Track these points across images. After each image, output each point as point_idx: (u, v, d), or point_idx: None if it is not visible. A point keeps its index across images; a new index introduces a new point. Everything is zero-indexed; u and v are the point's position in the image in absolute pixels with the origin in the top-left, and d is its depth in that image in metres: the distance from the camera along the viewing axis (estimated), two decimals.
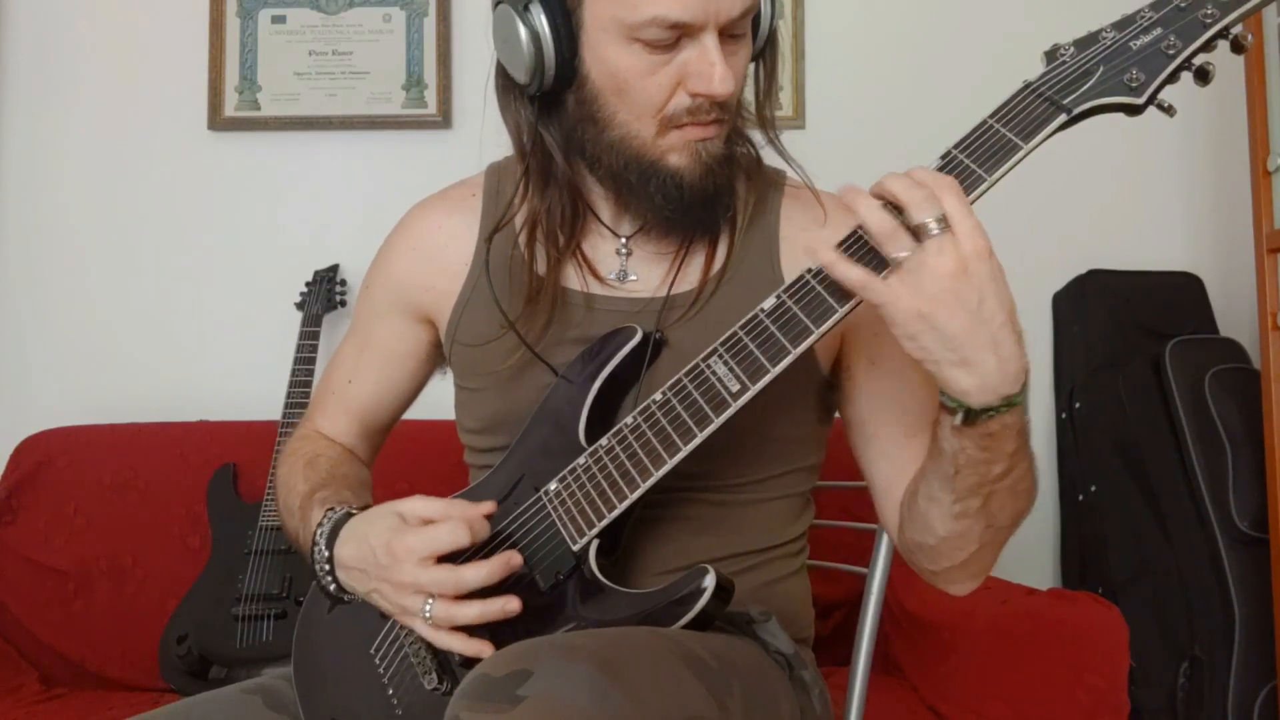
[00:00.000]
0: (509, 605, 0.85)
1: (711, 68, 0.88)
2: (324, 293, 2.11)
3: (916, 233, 0.75)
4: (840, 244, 0.80)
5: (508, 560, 0.86)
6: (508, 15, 0.92)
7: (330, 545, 0.93)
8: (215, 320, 2.24)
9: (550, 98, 0.95)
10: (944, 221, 0.75)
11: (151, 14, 2.28)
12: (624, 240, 1.02)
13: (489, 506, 0.89)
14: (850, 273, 0.76)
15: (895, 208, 0.77)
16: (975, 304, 0.75)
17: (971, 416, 0.78)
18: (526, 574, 0.90)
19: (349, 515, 0.94)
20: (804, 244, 1.00)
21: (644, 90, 0.90)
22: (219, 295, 2.25)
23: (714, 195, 0.95)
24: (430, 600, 0.85)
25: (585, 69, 0.92)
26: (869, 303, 0.77)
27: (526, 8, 0.91)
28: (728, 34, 0.90)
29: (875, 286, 0.76)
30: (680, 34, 0.88)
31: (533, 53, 0.91)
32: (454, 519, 0.86)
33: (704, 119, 0.91)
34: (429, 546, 0.85)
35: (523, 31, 0.91)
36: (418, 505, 0.88)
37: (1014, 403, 0.78)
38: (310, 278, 2.14)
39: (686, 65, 0.89)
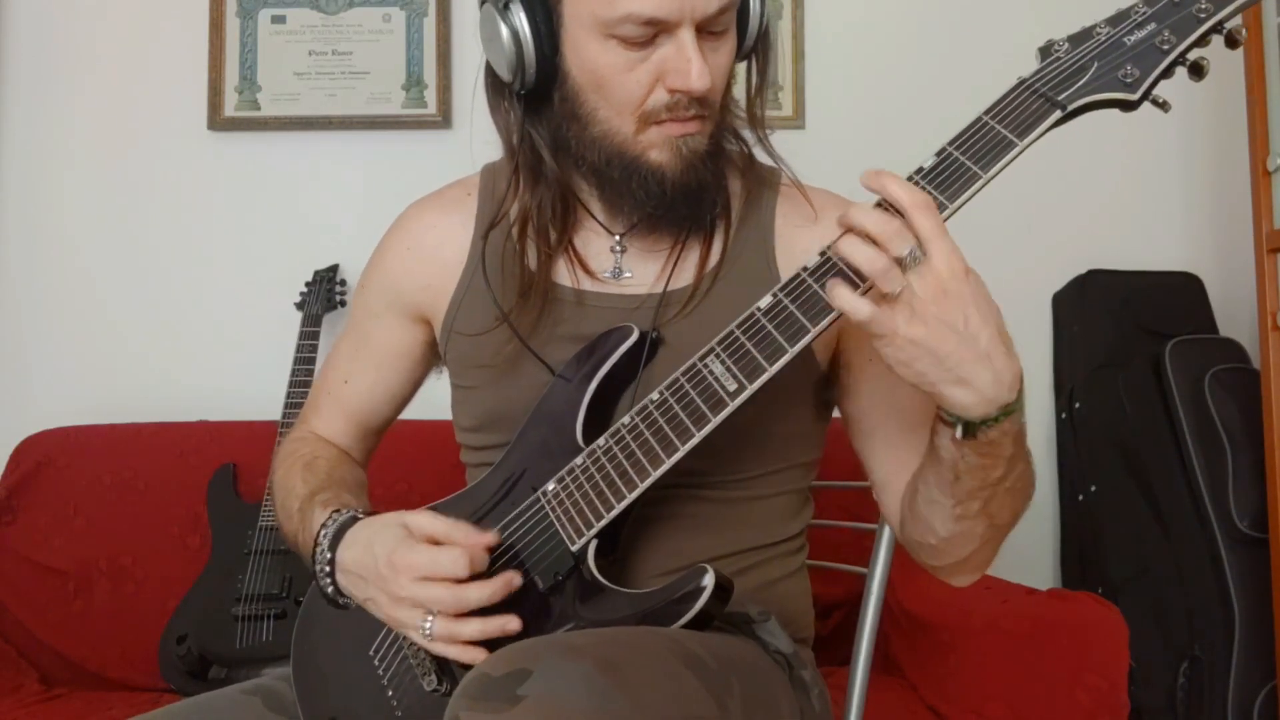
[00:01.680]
0: (509, 625, 0.86)
1: (688, 64, 0.88)
2: (324, 293, 2.11)
3: (898, 264, 0.75)
4: (827, 249, 0.80)
5: (509, 581, 0.86)
6: (490, 14, 0.93)
7: (333, 548, 0.93)
8: (215, 320, 2.24)
9: (536, 96, 0.96)
10: (919, 246, 0.75)
11: (151, 14, 2.28)
12: (618, 237, 1.02)
13: (492, 538, 0.89)
14: (861, 308, 0.75)
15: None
16: (962, 323, 0.75)
17: (971, 429, 0.79)
18: (525, 574, 0.90)
19: (354, 519, 0.94)
20: (799, 242, 1.00)
21: (622, 87, 0.90)
22: (219, 295, 2.25)
23: (698, 191, 0.95)
24: (430, 617, 0.85)
25: (566, 66, 0.93)
26: (871, 334, 0.77)
27: (507, 6, 0.92)
28: (707, 30, 0.90)
29: (882, 318, 0.75)
30: (657, 30, 0.88)
31: (514, 51, 0.92)
32: (457, 549, 0.86)
33: (683, 115, 0.91)
34: (429, 568, 0.85)
35: (504, 30, 0.92)
36: (424, 521, 0.88)
37: (1011, 410, 0.79)
38: (310, 278, 2.14)
39: (664, 61, 0.89)
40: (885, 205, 0.78)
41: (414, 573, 0.85)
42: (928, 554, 0.96)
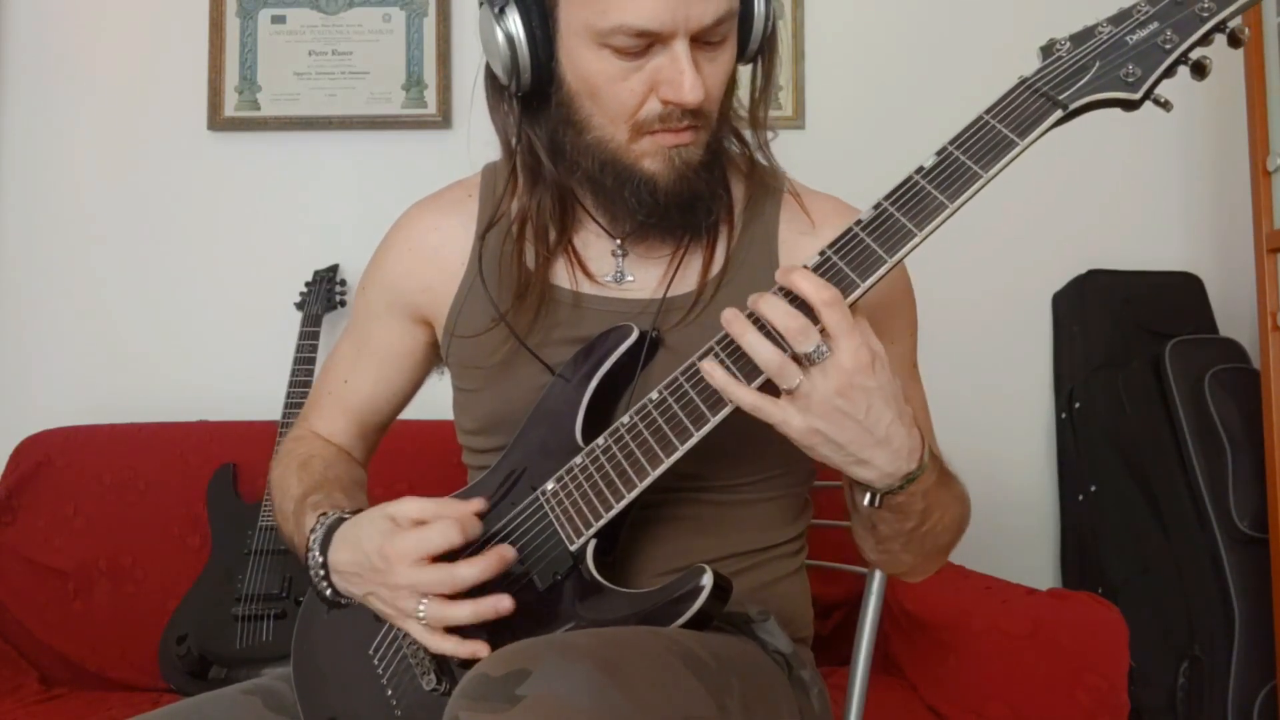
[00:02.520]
0: (501, 604, 0.85)
1: (681, 76, 0.87)
2: (324, 293, 2.11)
3: (806, 360, 0.77)
4: (832, 246, 0.81)
5: (501, 554, 0.86)
6: (487, 17, 0.93)
7: (324, 551, 0.93)
8: (215, 320, 2.24)
9: (534, 98, 0.96)
10: (825, 340, 0.77)
11: (151, 14, 2.28)
12: (619, 241, 1.02)
13: (479, 504, 0.89)
14: (744, 398, 0.79)
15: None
16: (863, 413, 0.78)
17: (877, 496, 0.84)
18: (524, 574, 0.90)
19: (341, 520, 0.94)
20: (803, 248, 1.00)
21: (616, 96, 0.90)
22: (219, 295, 2.25)
23: (691, 200, 0.95)
24: (424, 601, 0.85)
25: (562, 72, 0.93)
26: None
27: (503, 11, 0.91)
28: (703, 41, 0.89)
29: (767, 409, 0.79)
30: (650, 41, 0.87)
31: (509, 55, 0.92)
32: (445, 519, 0.86)
33: (676, 125, 0.91)
34: (421, 548, 0.85)
35: (499, 34, 0.92)
36: (408, 507, 0.88)
37: (915, 477, 0.83)
38: (310, 278, 2.14)
39: (658, 72, 0.89)
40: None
41: (408, 558, 0.85)
42: (873, 564, 1.02)
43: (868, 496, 0.84)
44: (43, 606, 1.91)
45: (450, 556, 0.87)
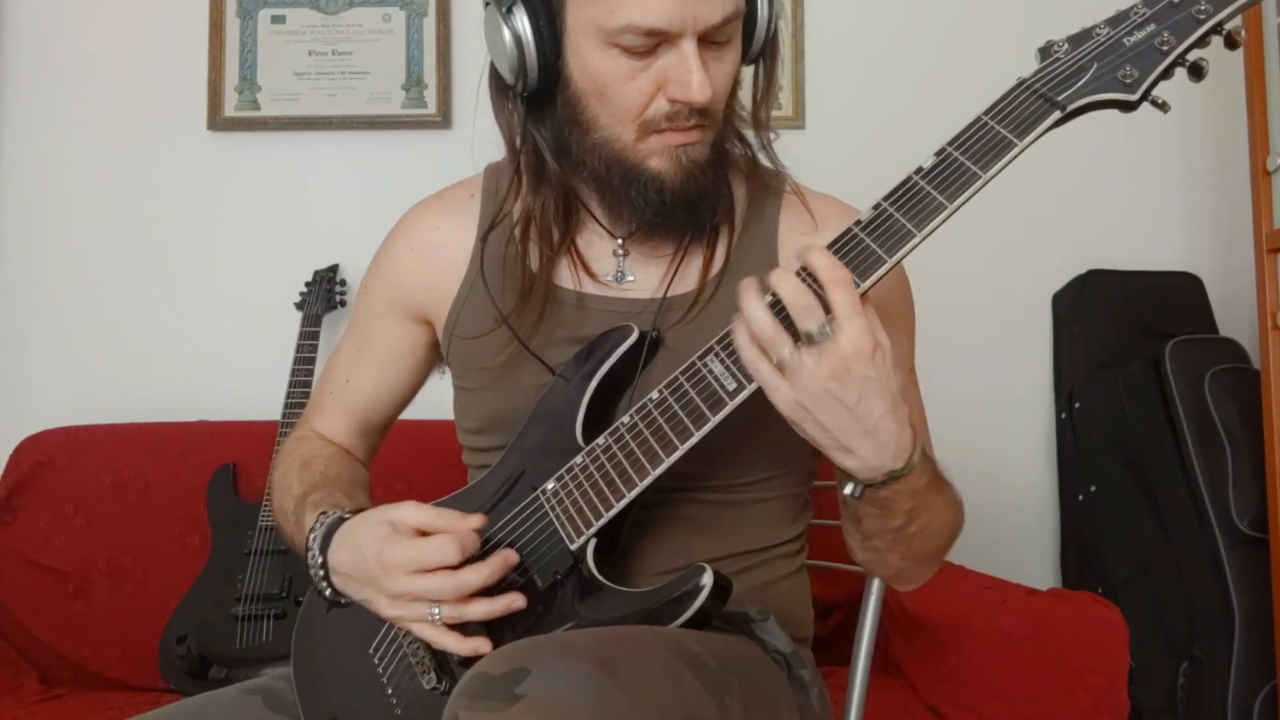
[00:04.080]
0: (515, 602, 0.86)
1: (689, 75, 0.88)
2: (324, 293, 2.11)
3: (806, 339, 0.77)
4: (833, 245, 0.81)
5: (505, 559, 0.87)
6: (493, 16, 0.93)
7: (324, 551, 0.93)
8: (215, 320, 2.24)
9: (539, 98, 0.96)
10: (829, 322, 0.76)
11: (151, 14, 2.28)
12: (620, 241, 1.02)
13: (478, 520, 0.89)
14: (747, 352, 0.79)
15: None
16: (854, 401, 0.77)
17: (859, 487, 0.83)
18: (524, 573, 0.90)
19: (341, 520, 0.94)
20: (799, 248, 1.00)
21: (624, 95, 0.90)
22: (219, 295, 2.25)
23: (697, 200, 0.95)
24: (436, 605, 0.85)
25: (569, 71, 0.93)
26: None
27: (510, 10, 0.91)
28: (710, 40, 0.89)
29: (763, 371, 0.78)
30: (659, 41, 0.88)
31: (516, 54, 0.92)
32: (445, 536, 0.86)
33: (684, 125, 0.91)
34: (418, 561, 0.85)
35: (506, 33, 0.91)
36: (409, 513, 0.88)
37: (898, 476, 0.81)
38: (310, 278, 2.14)
39: (666, 71, 0.89)
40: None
41: (405, 568, 0.85)
42: (859, 565, 1.01)
43: (850, 486, 0.83)
44: (43, 606, 1.91)
45: None
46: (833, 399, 0.77)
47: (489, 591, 0.86)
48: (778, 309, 0.78)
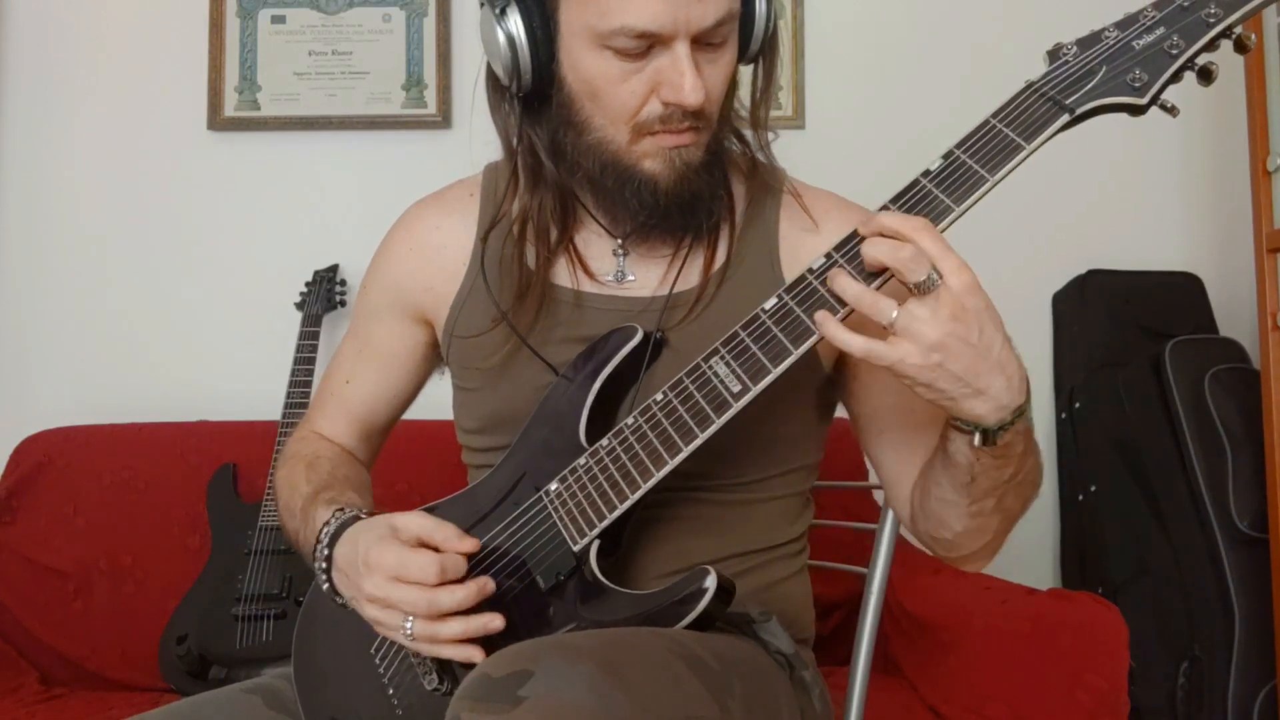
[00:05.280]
0: (491, 623, 0.85)
1: (681, 77, 0.87)
2: (324, 293, 2.11)
3: (917, 289, 0.76)
4: (839, 248, 0.81)
5: (482, 586, 0.86)
6: (488, 17, 0.93)
7: (332, 545, 0.93)
8: (215, 320, 2.24)
9: (535, 98, 0.96)
10: (934, 268, 0.76)
11: (151, 14, 2.28)
12: (620, 241, 1.02)
13: (471, 545, 0.88)
14: (854, 342, 0.78)
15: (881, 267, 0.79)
16: (977, 336, 0.77)
17: (989, 435, 0.81)
18: (526, 574, 0.90)
19: (356, 519, 0.94)
20: (804, 245, 1.00)
21: (617, 97, 0.90)
22: (219, 295, 2.25)
23: (691, 201, 0.95)
24: (410, 618, 0.85)
25: (563, 73, 0.93)
26: (880, 366, 0.78)
27: (504, 11, 0.91)
28: (704, 42, 0.89)
29: (880, 351, 0.77)
30: (651, 43, 0.87)
31: (509, 56, 0.92)
32: (429, 554, 0.85)
33: (677, 127, 0.91)
34: (398, 569, 0.85)
35: (500, 34, 0.91)
36: (412, 522, 0.88)
37: (1023, 411, 0.80)
38: (310, 278, 2.14)
39: (659, 73, 0.89)
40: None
41: (385, 572, 0.85)
42: (943, 547, 0.97)
43: (978, 436, 0.80)
44: (43, 606, 1.91)
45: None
46: (958, 340, 0.76)
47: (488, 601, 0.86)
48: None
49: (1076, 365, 2.14)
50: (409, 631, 0.85)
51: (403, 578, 0.85)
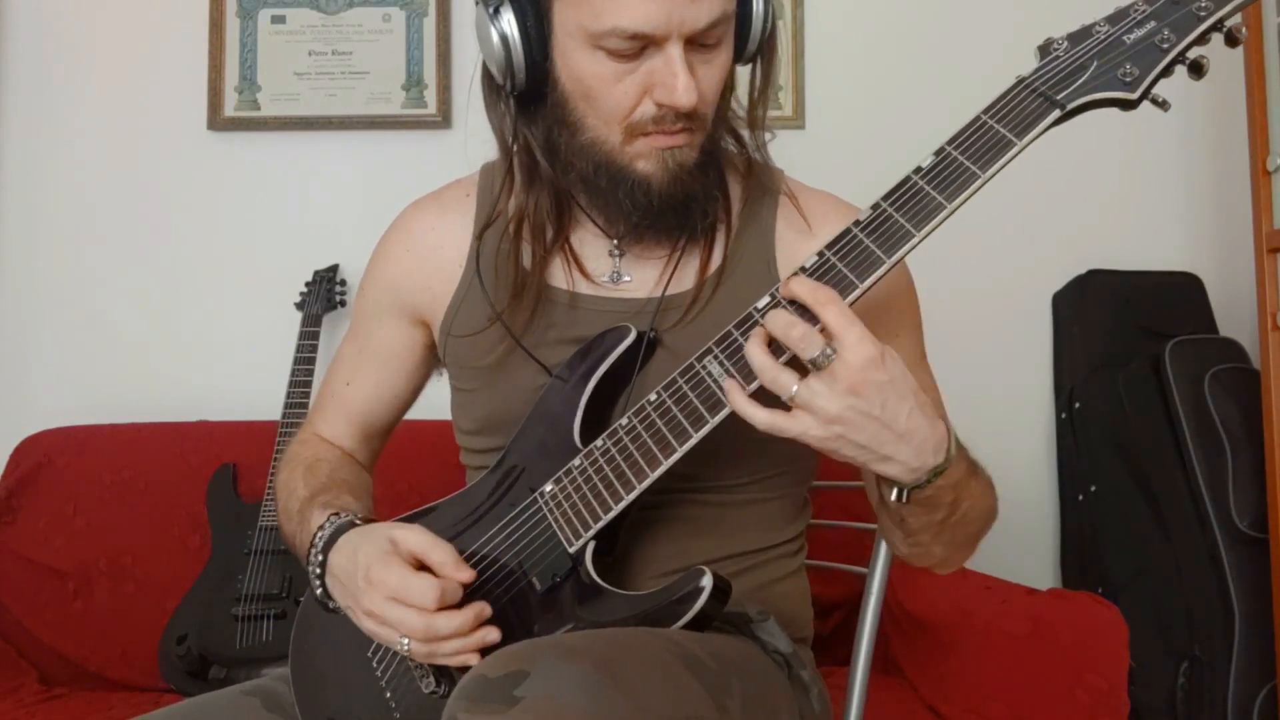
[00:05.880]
0: (488, 637, 0.85)
1: (674, 79, 0.87)
2: (324, 293, 2.11)
3: (813, 365, 0.77)
4: (826, 250, 0.82)
5: (479, 612, 0.86)
6: (482, 17, 0.93)
7: (326, 550, 0.93)
8: (215, 320, 2.24)
9: (530, 97, 0.96)
10: (830, 342, 0.76)
11: (151, 14, 2.28)
12: (615, 241, 1.01)
13: (468, 575, 0.88)
14: (758, 416, 0.79)
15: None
16: (878, 409, 0.76)
17: (904, 492, 0.82)
18: (523, 576, 0.90)
19: (351, 524, 0.94)
20: (800, 246, 1.00)
21: (609, 97, 0.90)
22: (219, 295, 2.25)
23: (685, 202, 0.94)
24: (405, 638, 0.85)
25: (556, 72, 0.93)
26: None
27: (498, 10, 0.91)
28: (698, 43, 0.89)
29: (783, 424, 0.78)
30: (644, 44, 0.87)
31: (503, 55, 0.92)
32: (430, 581, 0.85)
33: (670, 128, 0.91)
34: (399, 591, 0.85)
35: (494, 34, 0.91)
36: (411, 538, 0.87)
37: (942, 470, 0.81)
38: (310, 278, 2.14)
39: (652, 75, 0.88)
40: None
41: (385, 591, 0.85)
42: (903, 559, 0.99)
43: (894, 492, 0.82)
44: (43, 606, 1.91)
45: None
46: (857, 414, 0.76)
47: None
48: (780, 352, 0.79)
49: (1076, 365, 2.14)
50: (406, 648, 0.85)
51: (402, 599, 0.84)
